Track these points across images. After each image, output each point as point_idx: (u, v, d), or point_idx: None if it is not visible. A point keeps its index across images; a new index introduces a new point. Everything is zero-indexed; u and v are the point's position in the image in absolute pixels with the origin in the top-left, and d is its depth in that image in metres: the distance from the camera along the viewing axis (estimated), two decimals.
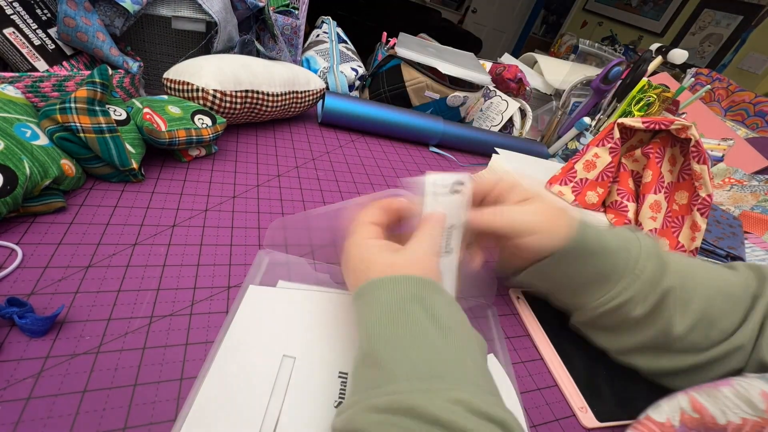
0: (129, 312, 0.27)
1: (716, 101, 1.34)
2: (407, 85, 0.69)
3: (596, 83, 0.74)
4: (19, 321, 0.23)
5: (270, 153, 0.52)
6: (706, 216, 0.48)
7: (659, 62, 0.71)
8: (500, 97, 0.81)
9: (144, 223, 0.35)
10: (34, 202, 0.31)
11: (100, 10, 0.46)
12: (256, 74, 0.50)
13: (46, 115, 0.33)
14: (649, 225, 0.52)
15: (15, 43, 0.41)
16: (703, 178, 0.47)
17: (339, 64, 0.75)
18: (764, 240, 0.69)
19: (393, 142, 0.67)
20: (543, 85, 0.91)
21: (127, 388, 0.23)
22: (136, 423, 0.22)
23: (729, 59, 2.61)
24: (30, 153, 0.30)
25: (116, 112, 0.38)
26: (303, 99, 0.57)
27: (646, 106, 0.69)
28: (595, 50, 1.02)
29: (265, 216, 0.40)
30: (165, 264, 0.32)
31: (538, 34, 4.21)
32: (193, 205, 0.39)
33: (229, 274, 0.33)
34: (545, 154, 0.75)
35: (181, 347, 0.26)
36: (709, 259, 0.59)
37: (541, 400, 0.31)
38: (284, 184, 0.46)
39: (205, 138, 0.42)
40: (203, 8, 0.52)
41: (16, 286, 0.27)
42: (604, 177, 0.55)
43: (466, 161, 0.70)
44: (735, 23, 2.60)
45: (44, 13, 0.44)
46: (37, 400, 0.21)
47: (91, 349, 0.24)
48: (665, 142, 0.53)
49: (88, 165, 0.36)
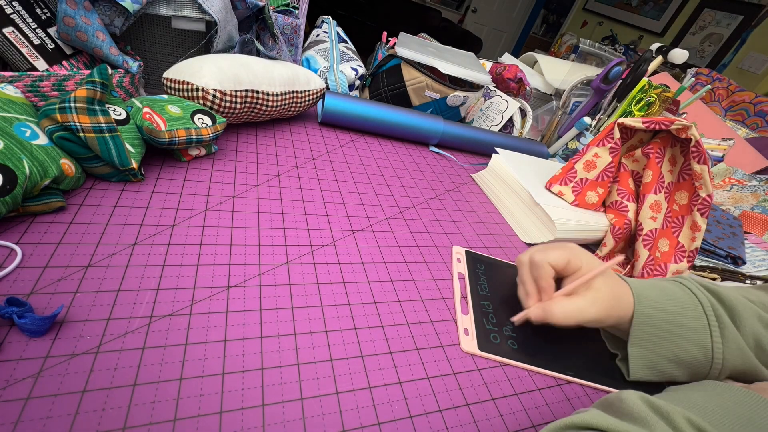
0: (128, 312, 0.27)
1: (716, 101, 1.34)
2: (407, 84, 0.69)
3: (596, 83, 0.74)
4: (19, 321, 0.23)
5: (270, 153, 0.52)
6: (706, 216, 0.48)
7: (659, 62, 0.71)
8: (500, 97, 0.81)
9: (143, 223, 0.35)
10: (33, 202, 0.31)
11: (100, 10, 0.46)
12: (256, 74, 0.50)
13: (46, 114, 0.33)
14: (649, 225, 0.52)
15: (14, 42, 0.41)
16: (703, 178, 0.47)
17: (339, 63, 0.75)
18: (764, 240, 0.69)
19: (393, 142, 0.67)
20: (543, 84, 0.91)
21: (126, 388, 0.23)
22: (135, 423, 0.22)
23: (729, 59, 2.61)
24: (29, 152, 0.30)
25: (116, 111, 0.37)
26: (303, 99, 0.57)
27: (647, 106, 0.69)
28: (595, 50, 1.02)
29: (265, 216, 0.40)
30: (164, 264, 0.32)
31: (538, 33, 4.21)
32: (193, 204, 0.39)
33: (229, 274, 0.33)
34: (545, 154, 0.75)
35: (181, 347, 0.26)
36: (709, 260, 0.59)
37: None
38: (284, 184, 0.46)
39: (204, 138, 0.42)
40: (203, 8, 0.52)
41: (16, 285, 0.26)
42: (604, 177, 0.55)
43: (466, 161, 0.70)
44: (735, 23, 2.60)
45: (44, 12, 0.44)
46: (37, 400, 0.21)
47: (90, 349, 0.24)
48: (665, 142, 0.53)
49: (87, 164, 0.36)
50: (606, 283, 0.34)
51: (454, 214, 0.53)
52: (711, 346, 0.33)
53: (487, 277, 0.42)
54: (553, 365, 0.35)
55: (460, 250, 0.45)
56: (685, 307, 0.34)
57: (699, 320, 0.33)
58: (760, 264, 0.59)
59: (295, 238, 0.39)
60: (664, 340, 0.33)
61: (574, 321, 0.33)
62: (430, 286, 0.39)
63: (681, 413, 0.22)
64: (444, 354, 0.33)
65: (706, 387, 0.26)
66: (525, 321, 0.35)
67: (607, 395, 0.26)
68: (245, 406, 0.25)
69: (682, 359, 0.33)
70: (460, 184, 0.61)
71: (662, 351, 0.34)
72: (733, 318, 0.34)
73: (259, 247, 0.36)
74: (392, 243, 0.43)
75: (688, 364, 0.33)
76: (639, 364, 0.34)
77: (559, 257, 0.35)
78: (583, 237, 0.54)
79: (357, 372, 0.29)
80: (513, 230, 0.54)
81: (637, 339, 0.34)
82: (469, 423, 0.28)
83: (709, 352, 0.33)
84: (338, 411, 0.26)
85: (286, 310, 0.32)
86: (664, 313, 0.34)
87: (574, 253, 0.36)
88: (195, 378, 0.25)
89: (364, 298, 0.35)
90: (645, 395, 0.24)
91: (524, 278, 0.37)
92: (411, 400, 0.29)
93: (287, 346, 0.29)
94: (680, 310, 0.34)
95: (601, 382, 0.35)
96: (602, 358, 0.38)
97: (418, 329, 0.34)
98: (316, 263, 0.37)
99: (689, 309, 0.34)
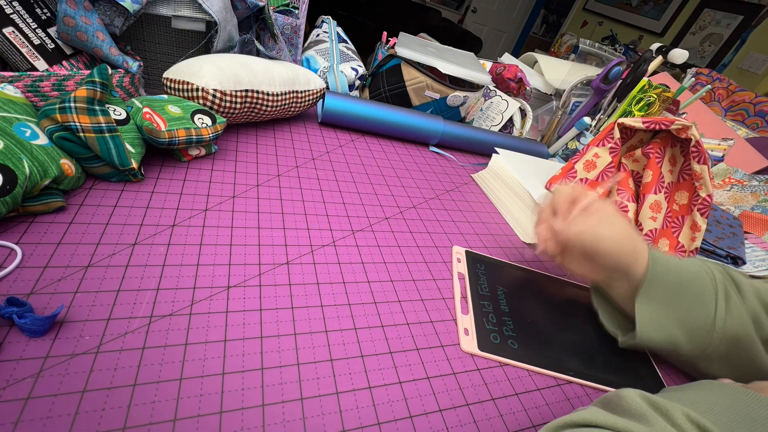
0: (128, 312, 0.27)
1: (716, 101, 1.34)
2: (407, 84, 0.69)
3: (596, 83, 0.74)
4: (19, 321, 0.23)
5: (270, 153, 0.52)
6: (706, 216, 0.48)
7: (659, 62, 0.71)
8: (500, 97, 0.81)
9: (143, 223, 0.35)
10: (33, 202, 0.31)
11: (100, 10, 0.46)
12: (256, 74, 0.50)
13: (46, 114, 0.33)
14: (649, 225, 0.52)
15: (14, 42, 0.41)
16: (703, 178, 0.47)
17: (339, 63, 0.75)
18: (764, 240, 0.69)
19: (393, 141, 0.67)
20: (543, 84, 0.91)
21: (126, 388, 0.23)
22: (135, 423, 0.22)
23: (729, 59, 2.61)
24: (29, 152, 0.30)
25: (116, 111, 0.37)
26: (303, 99, 0.57)
27: (647, 106, 0.69)
28: (595, 50, 1.02)
29: (265, 216, 0.40)
30: (164, 264, 0.32)
31: (538, 33, 4.21)
32: (193, 204, 0.39)
33: (228, 274, 0.33)
34: (545, 154, 0.75)
35: (181, 347, 0.26)
36: (709, 260, 0.59)
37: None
38: (284, 184, 0.46)
39: (204, 137, 0.42)
40: (203, 8, 0.52)
41: (16, 285, 0.26)
42: (604, 177, 0.55)
43: (466, 161, 0.70)
44: (735, 23, 2.60)
45: (44, 12, 0.44)
46: (37, 400, 0.21)
47: (90, 349, 0.24)
48: (665, 142, 0.53)
49: (87, 164, 0.36)
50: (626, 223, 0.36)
51: (454, 214, 0.53)
52: (714, 312, 0.33)
53: (487, 277, 0.42)
54: (553, 365, 0.35)
55: (460, 250, 0.45)
56: (696, 272, 0.35)
57: (706, 288, 0.34)
58: (760, 264, 0.59)
59: (295, 238, 0.39)
60: (672, 299, 0.34)
61: (588, 237, 0.34)
62: (430, 286, 0.39)
63: (680, 410, 0.22)
64: (444, 354, 0.33)
65: (704, 386, 0.27)
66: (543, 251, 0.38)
67: (605, 393, 0.27)
68: (245, 406, 0.25)
69: (686, 322, 0.34)
70: (460, 184, 0.61)
71: (670, 311, 0.34)
72: (738, 290, 0.34)
73: (259, 247, 0.36)
74: (392, 243, 0.43)
75: (690, 328, 0.34)
76: (648, 321, 0.35)
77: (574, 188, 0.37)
78: None
79: (357, 372, 0.29)
80: (513, 230, 0.54)
81: (647, 295, 0.34)
82: (469, 423, 0.28)
83: (712, 317, 0.33)
84: (338, 411, 0.26)
85: (286, 310, 0.32)
86: (676, 272, 0.34)
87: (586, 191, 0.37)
88: (195, 378, 0.25)
89: (364, 298, 0.35)
90: (644, 393, 0.24)
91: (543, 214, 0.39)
92: (411, 400, 0.29)
93: (287, 346, 0.29)
94: (693, 274, 0.35)
95: (601, 382, 0.35)
96: (602, 358, 0.38)
97: (418, 329, 0.34)
98: (316, 263, 0.37)
99: (701, 275, 0.35)
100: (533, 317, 0.39)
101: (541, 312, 0.40)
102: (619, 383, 0.36)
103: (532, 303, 0.41)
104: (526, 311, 0.40)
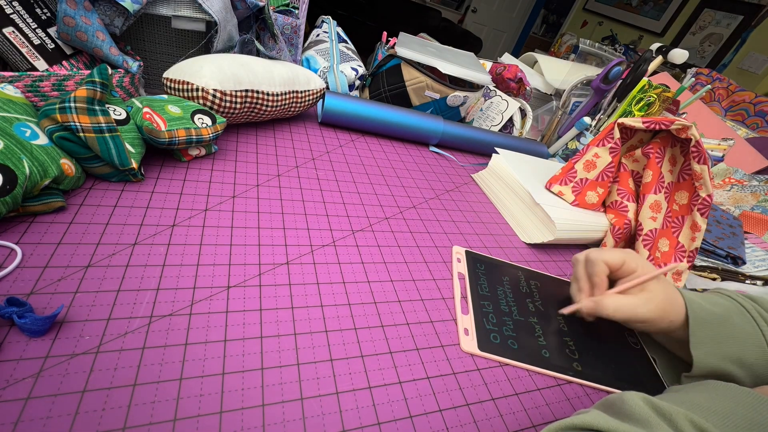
0: (128, 312, 0.27)
1: (716, 101, 1.34)
2: (407, 84, 0.69)
3: (596, 83, 0.74)
4: (19, 321, 0.23)
5: (270, 153, 0.52)
6: (706, 216, 0.48)
7: (659, 62, 0.71)
8: (500, 97, 0.81)
9: (143, 223, 0.35)
10: (33, 202, 0.31)
11: (100, 10, 0.46)
12: (256, 74, 0.50)
13: (46, 114, 0.33)
14: (649, 225, 0.52)
15: (14, 42, 0.41)
16: (703, 178, 0.47)
17: (339, 63, 0.75)
18: (764, 240, 0.69)
19: (393, 142, 0.67)
20: (543, 84, 0.91)
21: (126, 388, 0.23)
22: (135, 423, 0.22)
23: (729, 59, 2.61)
24: (29, 152, 0.30)
25: (116, 111, 0.37)
26: (303, 99, 0.57)
27: (647, 105, 0.69)
28: (595, 50, 1.02)
29: (265, 216, 0.40)
30: (164, 264, 0.32)
31: (538, 33, 4.21)
32: (193, 204, 0.39)
33: (228, 274, 0.33)
34: (545, 154, 0.75)
35: (181, 347, 0.26)
36: (709, 260, 0.59)
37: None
38: (284, 184, 0.46)
39: (204, 137, 0.42)
40: (203, 8, 0.52)
41: (16, 285, 0.26)
42: (604, 177, 0.55)
43: (466, 161, 0.70)
44: (735, 23, 2.60)
45: (44, 12, 0.44)
46: (37, 400, 0.21)
47: (90, 349, 0.24)
48: (665, 142, 0.53)
49: (87, 164, 0.36)
50: (660, 287, 0.35)
51: (454, 214, 0.53)
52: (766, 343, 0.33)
53: (487, 277, 0.42)
54: (553, 365, 0.35)
55: (460, 250, 0.45)
56: (729, 310, 0.35)
57: (746, 321, 0.34)
58: (760, 264, 0.59)
59: (295, 238, 0.39)
60: (722, 341, 0.33)
61: (624, 316, 0.34)
62: (430, 286, 0.39)
63: (683, 414, 0.22)
64: (444, 354, 0.33)
65: (708, 387, 0.26)
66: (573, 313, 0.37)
67: (608, 396, 0.26)
68: (245, 406, 0.25)
69: (744, 361, 0.33)
70: (460, 184, 0.61)
71: (723, 352, 0.33)
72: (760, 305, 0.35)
73: (259, 247, 0.36)
74: (392, 243, 0.43)
75: (750, 366, 0.33)
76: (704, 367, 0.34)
77: (616, 257, 0.36)
78: (583, 237, 0.54)
79: (357, 372, 0.29)
80: (513, 230, 0.54)
81: (698, 340, 0.34)
82: (469, 423, 0.28)
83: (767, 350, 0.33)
84: (338, 411, 0.26)
85: (286, 310, 0.32)
86: (713, 314, 0.34)
87: (631, 256, 0.37)
88: (195, 378, 0.25)
89: (364, 298, 0.35)
90: (647, 396, 0.24)
91: (579, 275, 0.39)
92: (411, 400, 0.29)
93: (287, 346, 0.29)
94: (726, 311, 0.34)
95: (601, 382, 0.35)
96: (602, 358, 0.38)
97: (418, 329, 0.34)
98: (316, 263, 0.37)
99: (734, 311, 0.35)
100: (533, 317, 0.39)
101: (542, 312, 0.40)
102: (619, 383, 0.36)
103: (532, 303, 0.41)
104: (527, 311, 0.40)
